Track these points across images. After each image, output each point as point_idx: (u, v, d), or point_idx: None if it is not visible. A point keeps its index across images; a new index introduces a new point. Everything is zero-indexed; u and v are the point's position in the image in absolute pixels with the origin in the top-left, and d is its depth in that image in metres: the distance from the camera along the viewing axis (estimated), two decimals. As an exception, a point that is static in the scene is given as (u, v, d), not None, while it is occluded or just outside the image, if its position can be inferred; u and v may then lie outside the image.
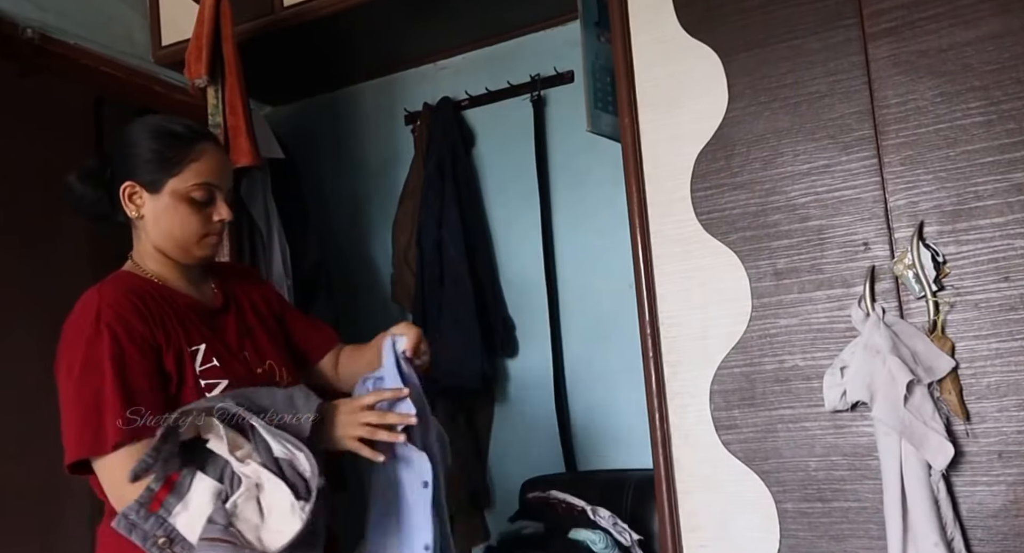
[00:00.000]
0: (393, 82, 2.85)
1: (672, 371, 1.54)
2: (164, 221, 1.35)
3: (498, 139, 2.67)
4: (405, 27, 2.50)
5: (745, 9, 1.52)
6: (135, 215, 1.36)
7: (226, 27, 2.08)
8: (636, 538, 2.00)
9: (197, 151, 1.36)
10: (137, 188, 1.35)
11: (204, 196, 1.36)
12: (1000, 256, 1.30)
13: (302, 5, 2.30)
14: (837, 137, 1.43)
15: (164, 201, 1.35)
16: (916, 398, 1.29)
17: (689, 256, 1.53)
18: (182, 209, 1.35)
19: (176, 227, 1.35)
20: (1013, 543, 1.27)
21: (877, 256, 1.39)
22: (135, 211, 1.36)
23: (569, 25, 2.46)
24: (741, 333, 1.48)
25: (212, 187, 1.37)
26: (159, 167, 1.34)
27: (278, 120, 2.96)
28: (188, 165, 1.34)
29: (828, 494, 1.40)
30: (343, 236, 2.88)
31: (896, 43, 1.40)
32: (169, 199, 1.34)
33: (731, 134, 1.52)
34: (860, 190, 1.41)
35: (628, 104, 1.61)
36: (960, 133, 1.35)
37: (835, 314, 1.41)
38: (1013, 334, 1.29)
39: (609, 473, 2.32)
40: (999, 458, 1.28)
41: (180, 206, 1.35)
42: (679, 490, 1.52)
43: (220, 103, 2.10)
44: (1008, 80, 1.32)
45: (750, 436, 1.46)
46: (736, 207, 1.50)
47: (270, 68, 2.58)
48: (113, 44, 2.35)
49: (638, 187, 1.59)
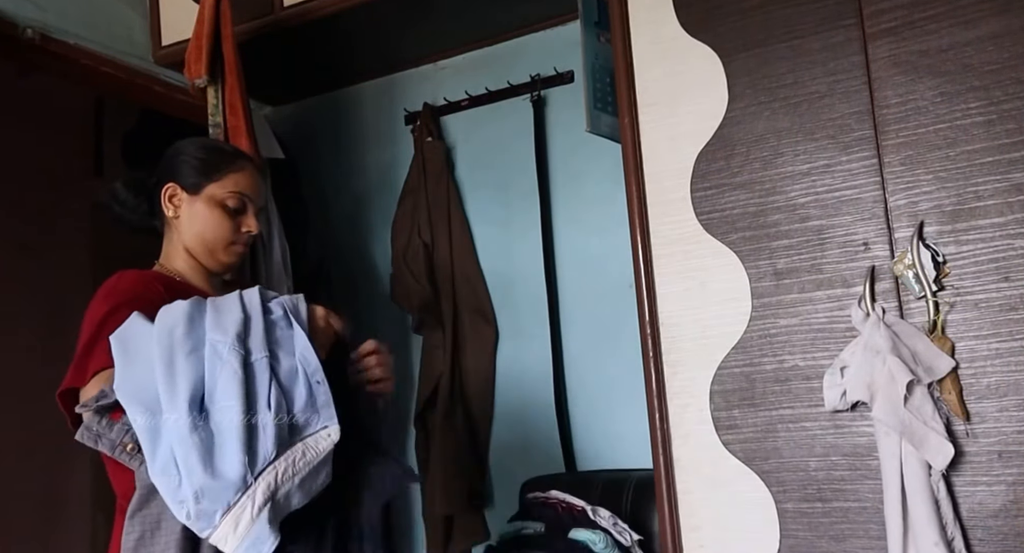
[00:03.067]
0: (393, 82, 2.85)
1: (672, 371, 1.54)
2: (198, 222, 1.46)
3: (498, 139, 2.67)
4: (405, 27, 2.50)
5: (745, 9, 1.52)
6: (172, 215, 1.47)
7: (226, 27, 2.08)
8: (636, 538, 2.00)
9: (239, 165, 1.50)
10: (177, 190, 1.47)
11: (237, 204, 1.47)
12: (1000, 256, 1.30)
13: (302, 5, 2.30)
14: (837, 137, 1.43)
15: (201, 203, 1.46)
16: (916, 398, 1.29)
17: (689, 256, 1.53)
18: (216, 213, 1.46)
19: (208, 229, 1.46)
20: (1013, 543, 1.27)
21: (877, 256, 1.39)
22: (172, 211, 1.47)
23: (569, 25, 2.46)
24: (741, 333, 1.48)
25: (246, 198, 1.49)
26: (202, 172, 1.46)
27: (278, 120, 2.96)
28: (228, 174, 1.47)
29: (828, 494, 1.40)
30: (343, 236, 2.88)
31: (896, 43, 1.40)
32: (206, 202, 1.46)
33: (731, 134, 1.52)
34: (860, 190, 1.41)
35: (628, 104, 1.61)
36: (960, 133, 1.35)
37: (835, 314, 1.41)
38: (1013, 334, 1.29)
39: (609, 473, 2.32)
40: (999, 458, 1.28)
41: (215, 210, 1.46)
42: (679, 490, 1.52)
43: (220, 103, 2.10)
44: (1008, 80, 1.32)
45: (750, 436, 1.46)
46: (736, 207, 1.50)
47: (270, 68, 2.58)
48: (113, 44, 2.36)
49: (638, 187, 1.59)
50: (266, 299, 1.22)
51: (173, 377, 1.09)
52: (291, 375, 1.15)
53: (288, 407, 1.12)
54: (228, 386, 1.08)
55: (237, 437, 1.06)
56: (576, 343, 2.52)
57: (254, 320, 1.17)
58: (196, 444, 1.05)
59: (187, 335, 1.13)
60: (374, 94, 2.89)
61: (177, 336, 1.13)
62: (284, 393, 1.12)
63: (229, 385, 1.08)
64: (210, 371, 1.10)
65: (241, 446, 1.06)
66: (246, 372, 1.11)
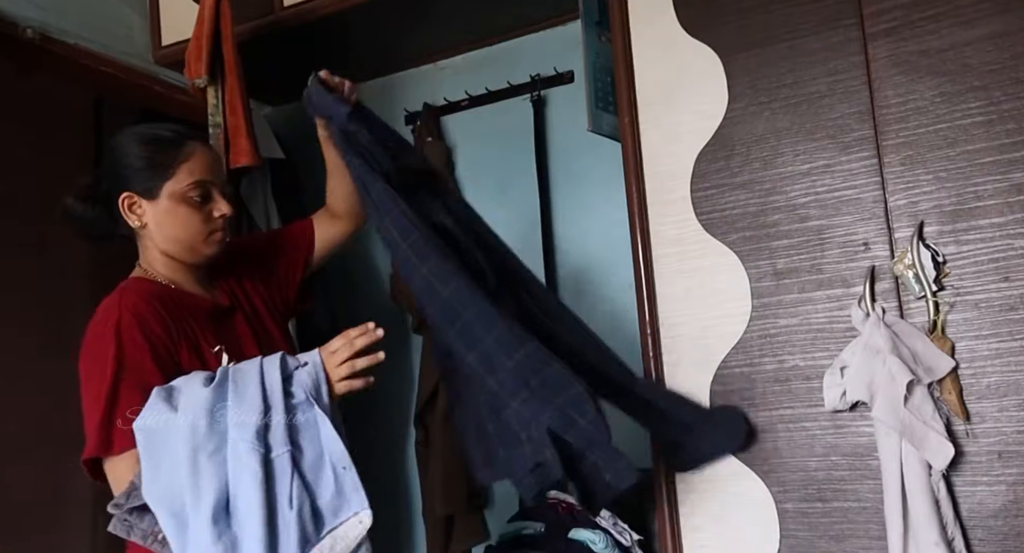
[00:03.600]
0: (393, 82, 2.85)
1: (672, 371, 1.54)
2: (167, 225, 1.37)
3: (498, 139, 2.67)
4: (405, 27, 2.50)
5: (745, 9, 1.52)
6: (137, 225, 1.38)
7: (226, 27, 2.08)
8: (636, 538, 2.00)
9: (186, 152, 1.38)
10: (135, 198, 1.37)
11: (201, 194, 1.38)
12: (1000, 256, 1.30)
13: (302, 5, 2.30)
14: (837, 137, 1.43)
15: (163, 205, 1.37)
16: (916, 398, 1.29)
17: (689, 256, 1.53)
18: (182, 210, 1.37)
19: (180, 229, 1.38)
20: (1013, 543, 1.27)
21: (877, 256, 1.39)
22: (137, 221, 1.38)
23: (569, 25, 2.46)
24: (741, 333, 1.48)
25: (207, 184, 1.39)
26: (152, 173, 1.36)
27: (278, 120, 2.96)
28: (180, 166, 1.37)
29: (828, 494, 1.40)
30: (343, 236, 2.88)
31: (896, 43, 1.40)
32: (168, 203, 1.37)
33: (731, 134, 1.52)
34: (860, 190, 1.41)
35: (628, 104, 1.62)
36: (960, 133, 1.35)
37: (835, 314, 1.41)
38: (1013, 334, 1.29)
39: (609, 473, 2.31)
40: (999, 458, 1.28)
41: (180, 208, 1.37)
42: (679, 490, 1.52)
43: (220, 103, 2.10)
44: (1008, 80, 1.32)
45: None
46: (736, 207, 1.50)
47: (270, 68, 2.58)
48: (113, 44, 2.35)
49: (638, 187, 1.59)
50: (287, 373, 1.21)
51: (197, 482, 1.10)
52: (315, 465, 1.15)
53: (312, 500, 1.12)
54: (248, 492, 1.09)
55: (259, 543, 1.07)
56: (576, 343, 2.52)
57: (275, 410, 1.15)
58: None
59: (209, 431, 1.13)
60: (374, 94, 2.89)
61: (200, 433, 1.13)
62: (307, 486, 1.13)
63: (249, 491, 1.09)
64: (233, 474, 1.11)
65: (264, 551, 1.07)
66: (266, 471, 1.11)
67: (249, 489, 1.09)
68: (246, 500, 1.08)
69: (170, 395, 1.17)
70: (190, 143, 1.40)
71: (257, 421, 1.13)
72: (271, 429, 1.14)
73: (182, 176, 1.37)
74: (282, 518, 1.09)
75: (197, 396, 1.16)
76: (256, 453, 1.10)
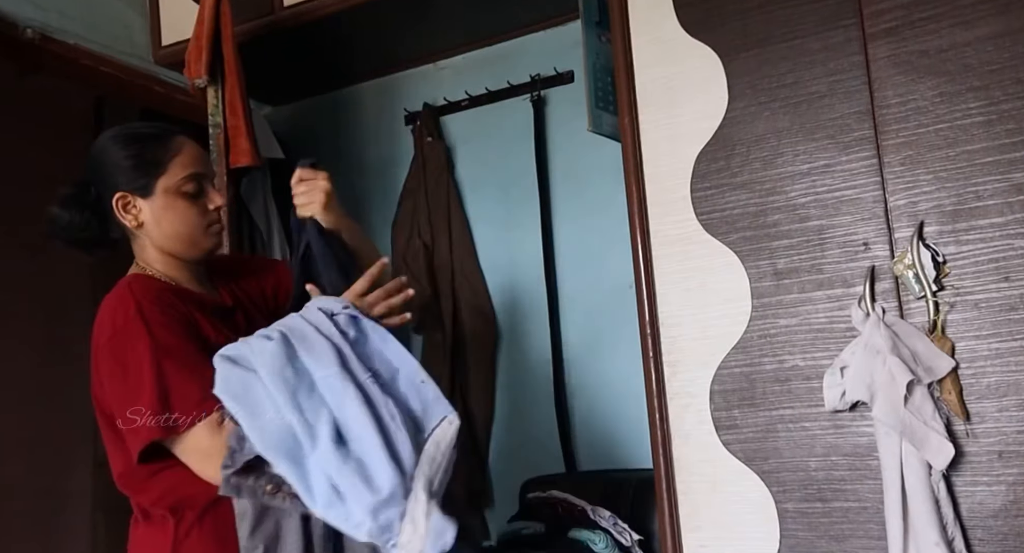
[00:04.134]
0: (393, 82, 2.85)
1: (672, 371, 1.54)
2: (166, 221, 1.37)
3: (498, 139, 2.67)
4: (405, 27, 2.50)
5: (745, 9, 1.52)
6: (134, 224, 1.37)
7: (226, 27, 2.08)
8: (636, 538, 2.00)
9: (175, 146, 1.38)
10: (129, 197, 1.36)
11: (195, 188, 1.39)
12: (1000, 256, 1.30)
13: (302, 5, 2.30)
14: (837, 137, 1.43)
15: (160, 201, 1.36)
16: (916, 398, 1.29)
17: (689, 256, 1.53)
18: (180, 204, 1.37)
19: (179, 223, 1.38)
20: (1013, 543, 1.27)
21: (877, 256, 1.39)
22: (133, 220, 1.37)
23: (569, 25, 2.46)
24: (741, 333, 1.48)
25: (200, 177, 1.40)
26: (145, 171, 1.36)
27: (278, 120, 2.96)
28: (172, 160, 1.37)
29: (828, 494, 1.40)
30: (343, 236, 2.88)
31: (896, 43, 1.40)
32: (164, 198, 1.37)
33: (731, 134, 1.52)
34: (860, 190, 1.41)
35: (628, 104, 1.61)
36: (960, 133, 1.35)
37: (835, 314, 1.41)
38: (1013, 334, 1.29)
39: (609, 473, 2.32)
40: (999, 458, 1.28)
41: (177, 202, 1.37)
42: (679, 490, 1.52)
43: (220, 103, 2.10)
44: (1008, 80, 1.32)
45: (750, 436, 1.46)
46: (736, 207, 1.50)
47: (270, 68, 2.58)
48: (113, 44, 2.36)
49: (638, 187, 1.59)
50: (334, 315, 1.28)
51: (305, 417, 1.17)
52: (395, 383, 1.24)
53: (407, 412, 1.21)
54: (357, 414, 1.16)
55: (382, 456, 1.14)
56: (576, 343, 2.52)
57: (342, 346, 1.23)
58: (353, 471, 1.13)
59: (297, 376, 1.20)
60: (374, 94, 2.89)
61: (289, 378, 1.19)
62: (399, 402, 1.21)
63: (358, 413, 1.16)
64: (335, 405, 1.18)
65: (389, 462, 1.14)
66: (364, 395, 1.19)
67: (356, 412, 1.16)
68: (357, 421, 1.16)
69: (236, 362, 1.22)
70: (177, 137, 1.40)
71: (334, 358, 1.20)
72: (348, 361, 1.22)
73: (175, 170, 1.37)
74: (392, 431, 1.17)
75: (269, 352, 1.21)
76: (349, 382, 1.18)
